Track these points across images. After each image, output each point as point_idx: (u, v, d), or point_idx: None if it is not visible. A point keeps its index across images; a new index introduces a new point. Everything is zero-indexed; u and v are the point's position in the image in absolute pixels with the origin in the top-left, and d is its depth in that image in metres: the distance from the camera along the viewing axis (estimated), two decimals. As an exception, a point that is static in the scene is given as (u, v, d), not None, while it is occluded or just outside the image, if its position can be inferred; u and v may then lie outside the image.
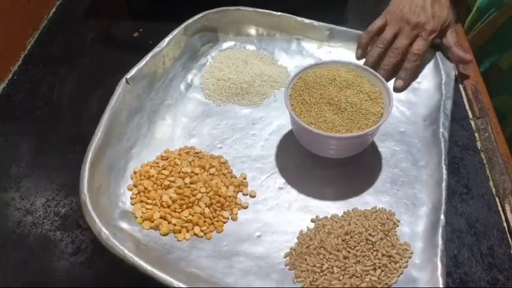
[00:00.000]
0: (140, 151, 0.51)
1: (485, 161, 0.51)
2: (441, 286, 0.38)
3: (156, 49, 0.56)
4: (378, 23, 0.58)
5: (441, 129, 0.50)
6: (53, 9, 0.74)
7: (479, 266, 0.43)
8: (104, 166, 0.45)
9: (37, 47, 0.68)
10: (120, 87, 0.51)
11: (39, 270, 0.44)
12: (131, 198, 0.47)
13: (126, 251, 0.37)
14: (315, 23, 0.63)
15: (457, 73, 0.59)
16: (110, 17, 0.73)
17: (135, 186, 0.48)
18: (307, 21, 0.63)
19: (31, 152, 0.55)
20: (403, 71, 0.57)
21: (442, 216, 0.43)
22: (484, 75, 0.61)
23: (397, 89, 0.57)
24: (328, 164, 0.51)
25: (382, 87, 0.50)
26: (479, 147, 0.52)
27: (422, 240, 0.43)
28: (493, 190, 0.48)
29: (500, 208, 0.47)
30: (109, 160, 0.46)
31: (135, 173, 0.49)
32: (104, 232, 0.38)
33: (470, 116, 0.56)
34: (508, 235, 0.45)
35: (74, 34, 0.70)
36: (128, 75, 0.52)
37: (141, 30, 0.69)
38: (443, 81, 0.56)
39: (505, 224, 0.46)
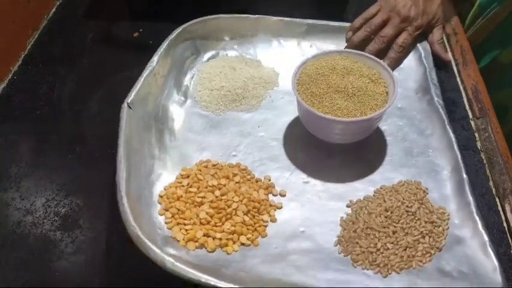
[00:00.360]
0: (159, 175, 0.49)
1: (485, 161, 0.51)
2: (486, 238, 0.41)
3: (148, 69, 0.54)
4: (372, 9, 0.61)
5: (435, 98, 0.54)
6: (53, 9, 0.73)
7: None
8: (133, 197, 0.43)
9: (37, 47, 0.67)
10: (124, 113, 0.48)
11: (39, 270, 0.44)
12: (166, 223, 0.45)
13: (197, 273, 0.35)
14: (292, 20, 0.64)
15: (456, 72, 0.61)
16: (110, 17, 0.72)
17: (166, 210, 0.45)
18: (283, 19, 0.64)
19: (31, 152, 0.55)
20: (387, 60, 0.59)
21: (465, 175, 0.46)
22: (485, 70, 0.62)
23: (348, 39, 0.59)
24: (342, 150, 0.52)
25: (380, 68, 0.52)
26: (479, 147, 0.52)
27: (454, 202, 0.46)
28: (493, 190, 0.48)
29: (500, 208, 0.47)
30: (135, 190, 0.44)
31: (161, 197, 0.47)
32: (168, 260, 0.36)
33: (470, 116, 0.56)
34: (508, 235, 0.45)
35: (74, 34, 0.70)
36: (128, 99, 0.50)
37: (141, 30, 0.69)
38: (422, 56, 0.60)
39: (505, 224, 0.46)
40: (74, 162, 0.51)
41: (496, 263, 0.39)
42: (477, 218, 0.43)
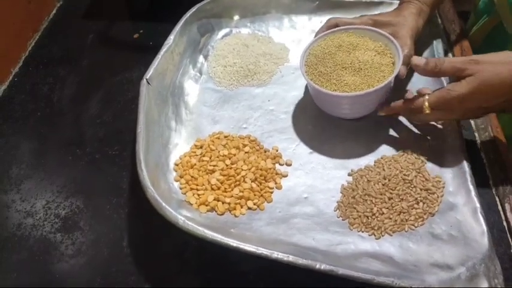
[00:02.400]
0: (175, 145, 0.53)
1: (485, 161, 0.51)
2: (477, 205, 0.44)
3: (165, 47, 0.57)
4: None
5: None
6: (53, 11, 0.74)
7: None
8: (152, 164, 0.47)
9: (38, 48, 0.68)
10: (144, 88, 0.53)
11: (39, 273, 0.44)
12: (181, 188, 0.49)
13: (206, 230, 0.40)
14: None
15: None
16: (109, 18, 0.73)
17: (181, 177, 0.50)
18: (296, -3, 0.66)
19: (32, 154, 0.55)
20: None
21: (458, 143, 0.48)
22: None
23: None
24: (346, 123, 0.55)
25: (385, 40, 0.53)
26: (479, 147, 0.52)
27: (450, 171, 0.48)
28: (493, 189, 0.48)
29: (500, 207, 0.47)
30: (153, 158, 0.49)
31: (176, 165, 0.51)
32: (180, 218, 0.41)
33: None
34: (508, 234, 0.45)
35: (74, 36, 0.71)
36: (147, 75, 0.54)
37: (141, 31, 0.70)
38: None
39: (504, 224, 0.46)
40: (75, 163, 0.50)
41: (484, 227, 0.42)
42: (471, 187, 0.45)
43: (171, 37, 0.58)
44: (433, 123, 0.52)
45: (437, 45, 0.60)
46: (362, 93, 0.49)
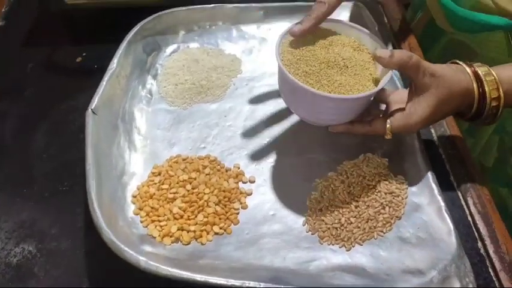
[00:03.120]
0: (131, 175, 0.50)
1: (443, 156, 0.51)
2: (442, 204, 0.44)
3: (109, 72, 0.54)
4: None
5: (395, 78, 0.56)
6: None
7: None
8: (106, 201, 0.45)
9: None
10: (89, 119, 0.49)
11: None
12: (141, 221, 0.47)
13: (170, 269, 0.38)
14: (248, 5, 0.65)
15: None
16: (49, 44, 0.69)
17: (140, 209, 0.47)
18: (239, 6, 0.65)
19: None
20: (303, 18, 0.48)
21: (417, 142, 0.49)
22: None
23: (293, 33, 0.47)
24: (307, 131, 0.54)
25: (356, 32, 0.49)
26: (436, 143, 0.53)
27: (411, 171, 0.49)
28: (455, 185, 0.49)
29: (463, 202, 0.47)
30: (108, 193, 0.46)
31: (134, 197, 0.49)
32: (142, 259, 0.38)
33: None
34: (474, 229, 0.46)
35: (13, 65, 0.66)
36: (92, 105, 0.51)
37: (84, 54, 0.67)
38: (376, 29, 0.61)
39: (469, 218, 0.46)
40: (23, 205, 0.47)
41: (451, 226, 0.42)
42: (433, 185, 0.46)
43: (115, 60, 0.55)
44: None
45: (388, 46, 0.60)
46: (367, 94, 0.44)
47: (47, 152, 0.56)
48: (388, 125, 0.45)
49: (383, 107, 0.49)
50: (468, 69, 0.44)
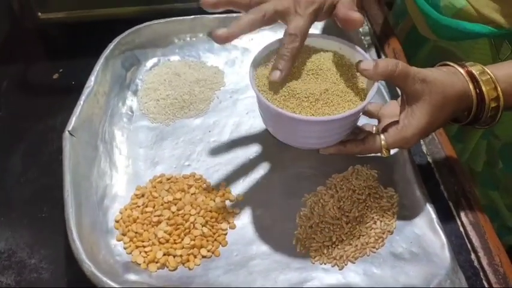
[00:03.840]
0: (113, 198, 0.48)
1: (433, 165, 0.50)
2: (433, 216, 0.43)
3: (86, 90, 0.52)
4: None
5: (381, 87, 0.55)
6: None
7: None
8: (87, 228, 0.43)
9: None
10: (67, 142, 0.47)
11: None
12: (125, 248, 0.45)
13: (156, 301, 0.36)
14: (228, 16, 0.63)
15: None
16: (23, 61, 0.66)
17: (123, 235, 0.45)
18: (220, 16, 0.63)
19: None
20: (278, 60, 0.42)
21: (405, 152, 0.48)
22: None
23: (273, 79, 0.42)
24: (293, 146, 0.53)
25: (336, 44, 0.45)
26: (425, 151, 0.51)
27: (401, 183, 0.48)
28: (445, 194, 0.48)
29: (455, 213, 0.46)
30: (88, 220, 0.44)
31: (117, 221, 0.47)
32: (125, 292, 0.37)
33: None
34: (466, 240, 0.44)
35: None
36: (69, 127, 0.48)
37: (60, 70, 0.64)
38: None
39: (461, 229, 0.45)
40: (0, 234, 0.45)
41: (444, 239, 0.42)
42: (424, 197, 0.45)
43: (92, 78, 0.53)
44: None
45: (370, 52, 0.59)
46: (354, 111, 0.40)
47: (24, 175, 0.54)
48: (383, 142, 0.42)
49: (375, 120, 0.47)
50: (461, 70, 0.41)
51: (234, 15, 0.63)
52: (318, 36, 0.47)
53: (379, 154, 0.44)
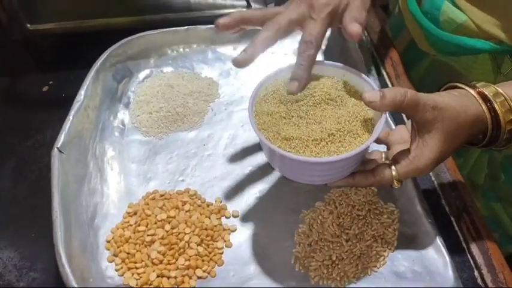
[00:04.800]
0: (104, 217, 0.47)
1: (433, 178, 0.48)
2: (436, 233, 0.42)
3: (76, 105, 0.51)
4: (276, 9, 0.46)
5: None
6: None
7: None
8: (77, 250, 0.41)
9: None
10: (55, 159, 0.45)
11: None
12: (117, 270, 0.43)
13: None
14: (224, 26, 0.62)
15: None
16: (12, 73, 0.64)
17: (115, 255, 0.44)
18: (214, 27, 0.62)
19: None
20: (296, 70, 0.41)
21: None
22: None
23: (291, 91, 0.41)
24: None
25: (340, 71, 0.42)
26: None
27: (401, 198, 0.46)
28: (447, 208, 0.46)
29: (457, 228, 0.45)
30: (78, 242, 0.42)
31: (108, 242, 0.45)
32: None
33: None
34: (469, 257, 0.43)
35: None
36: (58, 143, 0.47)
37: (50, 82, 0.62)
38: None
39: (464, 245, 0.43)
40: None
41: (446, 258, 0.40)
42: (425, 213, 0.44)
43: (82, 92, 0.52)
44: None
45: (367, 63, 0.58)
46: (361, 149, 0.37)
47: (13, 194, 0.52)
48: (394, 173, 0.38)
49: (383, 146, 0.44)
50: (473, 92, 0.38)
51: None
52: (320, 63, 0.43)
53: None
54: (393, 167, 0.38)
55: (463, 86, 0.40)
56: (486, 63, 0.51)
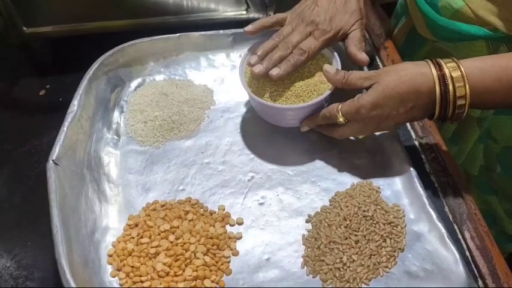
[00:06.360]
0: (104, 230, 0.45)
1: (436, 185, 0.48)
2: (443, 231, 0.42)
3: (69, 116, 0.49)
4: (282, 15, 0.58)
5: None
6: None
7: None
8: (78, 266, 0.39)
9: None
10: (52, 172, 0.44)
11: None
12: (121, 284, 0.41)
13: None
14: (216, 32, 0.61)
15: None
16: (9, 77, 0.63)
17: (118, 269, 0.42)
18: (207, 33, 0.61)
19: None
20: (284, 62, 0.49)
21: (412, 168, 0.47)
22: None
23: (271, 76, 0.49)
24: (291, 162, 0.51)
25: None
26: (428, 170, 0.49)
27: (405, 197, 0.46)
28: (450, 216, 0.46)
29: (460, 236, 0.44)
30: (79, 257, 0.40)
31: (110, 256, 0.43)
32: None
33: (414, 136, 0.53)
34: (473, 265, 0.42)
35: None
36: (53, 156, 0.45)
37: (47, 86, 0.61)
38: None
39: (467, 254, 0.43)
40: None
41: (456, 254, 0.40)
42: (431, 211, 0.44)
43: (75, 102, 0.50)
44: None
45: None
46: (320, 99, 0.49)
47: (9, 201, 0.50)
48: (339, 107, 0.47)
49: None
50: (429, 62, 0.44)
51: (221, 32, 0.62)
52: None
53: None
54: (339, 106, 0.47)
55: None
56: (482, 50, 0.52)
